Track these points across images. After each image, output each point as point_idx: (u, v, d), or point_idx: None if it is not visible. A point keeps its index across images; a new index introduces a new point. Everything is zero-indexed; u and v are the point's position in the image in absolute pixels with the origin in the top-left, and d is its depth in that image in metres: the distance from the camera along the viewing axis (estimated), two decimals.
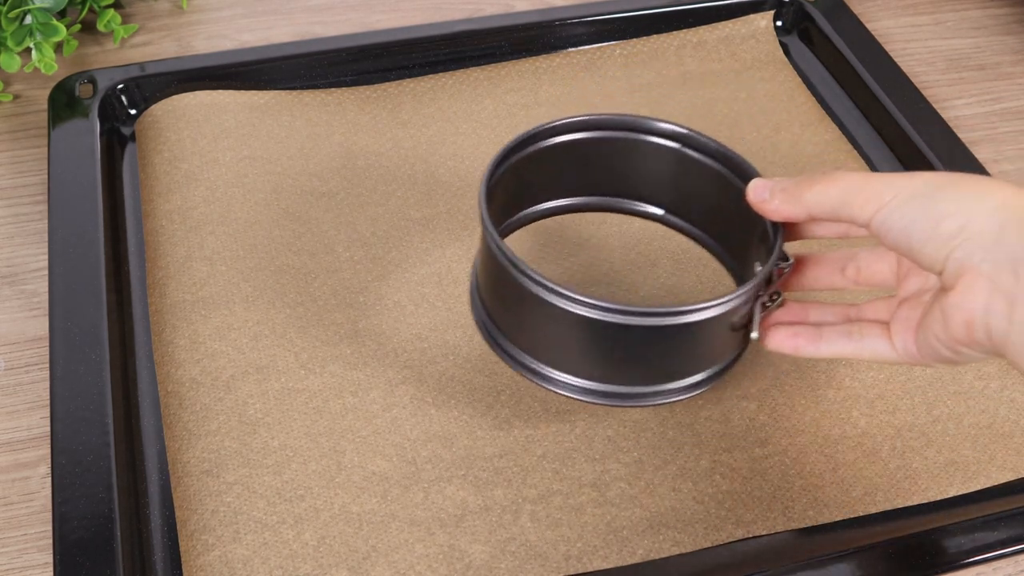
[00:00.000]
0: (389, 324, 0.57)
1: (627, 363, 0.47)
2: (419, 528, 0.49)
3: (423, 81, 0.71)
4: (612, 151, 0.54)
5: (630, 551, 0.48)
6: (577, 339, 0.47)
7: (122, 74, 0.70)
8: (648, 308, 0.44)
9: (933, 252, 0.40)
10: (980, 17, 0.81)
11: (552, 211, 0.56)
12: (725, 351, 0.49)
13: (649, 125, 0.53)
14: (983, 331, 0.39)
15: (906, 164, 0.67)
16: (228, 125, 0.67)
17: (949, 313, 0.40)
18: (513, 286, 0.46)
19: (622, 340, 0.46)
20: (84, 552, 0.46)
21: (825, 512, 0.50)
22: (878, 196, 0.42)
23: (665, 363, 0.48)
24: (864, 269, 0.49)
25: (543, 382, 0.49)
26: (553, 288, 0.45)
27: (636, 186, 0.55)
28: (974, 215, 0.39)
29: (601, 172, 0.55)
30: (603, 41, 0.74)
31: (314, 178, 0.64)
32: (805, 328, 0.48)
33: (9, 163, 0.68)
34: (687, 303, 0.45)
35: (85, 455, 0.50)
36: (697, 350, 0.48)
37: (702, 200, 0.54)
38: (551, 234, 0.61)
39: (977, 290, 0.39)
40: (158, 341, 0.56)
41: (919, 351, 0.44)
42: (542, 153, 0.53)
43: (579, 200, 0.56)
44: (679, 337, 0.46)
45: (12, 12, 0.70)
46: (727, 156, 0.51)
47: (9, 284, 0.61)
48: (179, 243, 0.60)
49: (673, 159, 0.53)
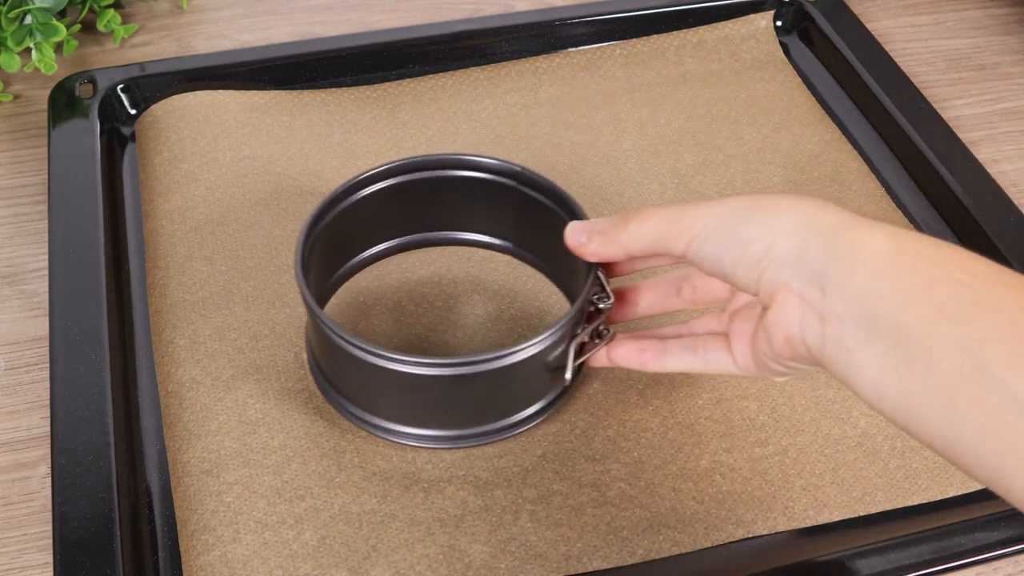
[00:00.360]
0: (389, 324, 0.57)
1: (448, 409, 0.50)
2: (419, 528, 0.49)
3: (423, 81, 0.71)
4: (445, 189, 0.56)
5: (630, 551, 0.48)
6: (396, 391, 0.49)
7: (122, 74, 0.70)
8: (448, 359, 0.47)
9: (745, 275, 0.41)
10: (980, 17, 0.81)
11: (389, 251, 0.58)
12: (550, 386, 0.51)
13: (482, 163, 0.55)
14: (802, 346, 0.40)
15: (906, 164, 0.67)
16: (228, 125, 0.67)
17: (770, 331, 0.41)
18: (336, 349, 0.48)
19: (433, 389, 0.48)
20: (84, 552, 0.46)
21: (825, 512, 0.50)
22: (689, 228, 0.43)
23: (486, 406, 0.50)
24: (699, 288, 0.50)
25: (372, 430, 0.51)
26: (362, 346, 0.47)
27: (477, 221, 0.58)
28: (778, 235, 0.40)
29: (437, 210, 0.57)
30: (603, 41, 0.74)
31: (314, 178, 0.64)
32: (651, 343, 0.50)
33: (9, 163, 0.68)
34: (488, 351, 0.47)
35: (85, 455, 0.50)
36: (515, 392, 0.50)
37: (539, 233, 0.55)
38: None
39: (790, 307, 0.40)
40: (158, 341, 0.56)
41: (755, 366, 0.45)
42: (376, 197, 0.55)
43: (417, 237, 0.58)
44: (490, 383, 0.48)
45: (12, 12, 0.70)
46: (556, 193, 0.53)
47: (9, 284, 0.61)
48: (179, 243, 0.60)
49: (510, 195, 0.55)
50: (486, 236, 0.59)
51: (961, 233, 0.63)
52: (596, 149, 0.67)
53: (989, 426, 0.34)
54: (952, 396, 0.35)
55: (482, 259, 0.59)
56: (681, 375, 0.55)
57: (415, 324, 0.56)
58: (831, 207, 0.41)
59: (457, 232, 0.59)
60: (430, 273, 0.59)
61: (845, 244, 0.38)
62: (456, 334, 0.56)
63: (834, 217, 0.40)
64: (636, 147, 0.68)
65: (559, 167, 0.66)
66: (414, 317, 0.57)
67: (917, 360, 0.35)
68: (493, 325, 0.57)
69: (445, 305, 0.57)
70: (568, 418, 0.53)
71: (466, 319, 0.57)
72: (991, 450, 0.34)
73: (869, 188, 0.65)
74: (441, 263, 0.59)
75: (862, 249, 0.38)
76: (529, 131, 0.68)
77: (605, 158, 0.67)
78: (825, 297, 0.38)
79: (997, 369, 0.34)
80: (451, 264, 0.59)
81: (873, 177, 0.66)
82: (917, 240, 0.38)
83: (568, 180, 0.65)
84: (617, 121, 0.69)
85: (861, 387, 0.38)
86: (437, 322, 0.56)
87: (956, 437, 0.35)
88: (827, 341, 0.38)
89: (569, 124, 0.69)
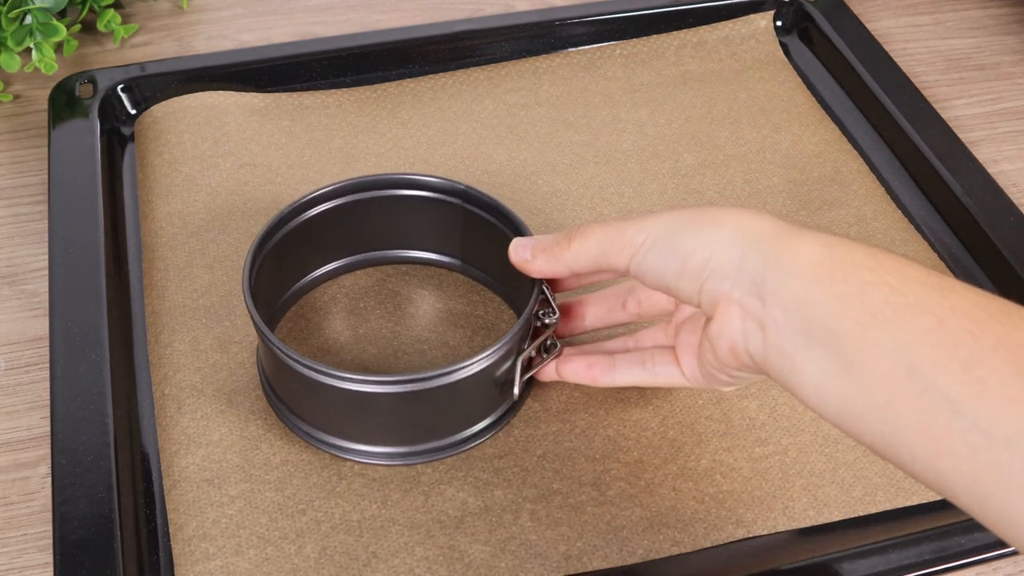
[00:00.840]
0: (389, 328, 0.57)
1: (398, 426, 0.50)
2: (419, 531, 0.49)
3: (423, 81, 0.71)
4: (392, 208, 0.56)
5: (630, 551, 0.48)
6: (347, 409, 0.49)
7: (122, 74, 0.70)
8: (396, 376, 0.47)
9: (687, 287, 0.42)
10: (980, 17, 0.81)
11: (338, 271, 0.58)
12: (499, 401, 0.52)
13: (427, 182, 0.55)
14: (746, 355, 0.40)
15: (906, 164, 0.67)
16: (228, 128, 0.67)
17: (714, 342, 0.42)
18: (286, 369, 0.48)
19: (383, 407, 0.48)
20: (84, 552, 0.46)
21: (825, 512, 0.50)
22: (630, 243, 0.44)
23: (435, 422, 0.50)
24: (644, 301, 0.51)
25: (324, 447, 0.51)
26: (312, 366, 0.47)
27: (425, 239, 0.58)
28: (717, 246, 0.41)
29: (385, 229, 0.57)
30: (603, 41, 0.74)
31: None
32: (600, 358, 0.50)
33: (9, 163, 0.68)
34: (436, 367, 0.47)
35: (85, 455, 0.50)
36: (464, 407, 0.50)
37: (486, 250, 0.56)
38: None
39: (732, 317, 0.40)
40: (155, 343, 0.56)
41: (703, 377, 0.46)
42: (324, 217, 0.55)
43: (366, 256, 0.59)
44: (438, 399, 0.48)
45: (12, 12, 0.70)
46: (500, 211, 0.53)
47: (9, 284, 0.61)
48: (179, 247, 0.60)
49: (455, 213, 0.55)
50: (434, 254, 0.59)
51: (961, 233, 0.63)
52: (596, 149, 0.67)
53: (924, 426, 0.34)
54: (888, 398, 0.35)
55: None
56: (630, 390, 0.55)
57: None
58: (768, 217, 0.41)
59: (406, 251, 0.59)
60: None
61: (781, 253, 0.39)
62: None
63: (771, 227, 0.41)
64: (636, 147, 0.68)
65: (559, 167, 0.66)
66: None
67: (854, 364, 0.36)
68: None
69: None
70: (568, 418, 0.53)
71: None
72: (927, 450, 0.35)
73: (869, 188, 0.65)
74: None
75: (797, 259, 0.39)
76: (529, 131, 0.68)
77: (605, 158, 0.67)
78: (764, 306, 0.39)
79: (927, 370, 0.34)
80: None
81: (873, 177, 0.66)
82: (850, 248, 0.39)
83: (568, 180, 0.65)
84: (617, 121, 0.69)
85: (804, 393, 0.38)
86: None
87: (894, 438, 0.36)
88: (769, 348, 0.39)
89: (569, 124, 0.69)
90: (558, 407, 0.53)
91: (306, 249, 0.56)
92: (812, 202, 0.64)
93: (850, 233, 0.62)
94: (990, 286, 0.60)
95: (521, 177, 0.65)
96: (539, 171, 0.66)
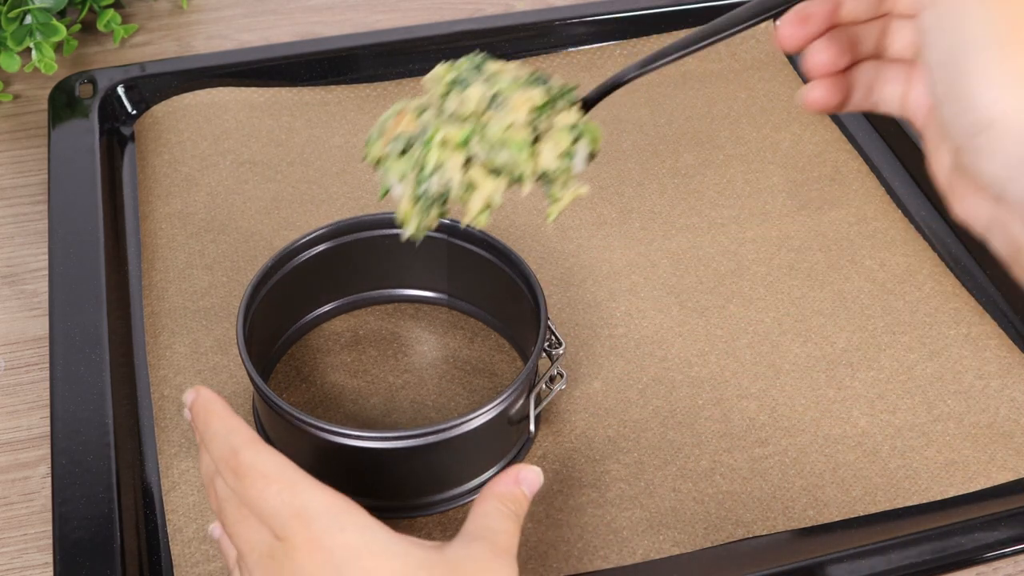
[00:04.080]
0: (388, 330, 0.57)
1: (416, 477, 0.48)
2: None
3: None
4: (378, 248, 0.55)
5: (630, 551, 0.48)
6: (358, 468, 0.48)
7: (122, 74, 0.70)
8: (410, 431, 0.45)
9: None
10: None
11: (330, 314, 0.57)
12: (514, 440, 0.51)
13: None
14: None
15: (906, 164, 0.67)
16: (228, 126, 0.67)
17: None
18: (294, 430, 0.47)
19: (399, 461, 0.47)
20: (84, 552, 0.46)
21: (825, 512, 0.50)
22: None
23: (451, 470, 0.49)
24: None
25: None
26: (323, 427, 0.46)
27: (413, 276, 0.57)
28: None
29: (374, 269, 0.56)
30: (603, 41, 0.74)
31: (314, 186, 0.64)
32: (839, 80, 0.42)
33: (9, 163, 0.68)
34: (449, 419, 0.46)
35: (85, 455, 0.50)
36: (477, 453, 0.49)
37: (474, 282, 0.55)
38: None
39: None
40: (154, 344, 0.56)
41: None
42: (312, 262, 0.54)
43: (356, 297, 0.58)
44: (449, 451, 0.47)
45: (12, 12, 0.70)
46: (491, 244, 0.53)
47: (9, 284, 0.61)
48: (179, 248, 0.60)
49: (441, 248, 0.55)
50: (425, 291, 0.58)
51: (961, 233, 0.63)
52: None
53: None
54: None
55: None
56: (681, 376, 0.55)
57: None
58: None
59: (396, 289, 0.58)
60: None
61: None
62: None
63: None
64: (636, 147, 0.67)
65: None
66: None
67: None
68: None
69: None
70: (568, 418, 0.53)
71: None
72: None
73: (869, 188, 0.65)
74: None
75: None
76: None
77: (605, 158, 0.67)
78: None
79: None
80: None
81: (873, 177, 0.66)
82: None
83: None
84: (617, 121, 0.69)
85: None
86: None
87: None
88: None
89: None
90: (557, 410, 0.53)
91: (297, 295, 0.55)
92: (812, 202, 0.64)
93: (850, 233, 0.62)
94: (990, 287, 0.60)
95: None
96: None
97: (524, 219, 0.63)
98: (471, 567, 0.37)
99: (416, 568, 0.36)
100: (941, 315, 0.58)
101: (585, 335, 0.57)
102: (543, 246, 0.61)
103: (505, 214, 0.63)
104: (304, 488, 0.37)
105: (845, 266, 0.60)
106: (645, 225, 0.62)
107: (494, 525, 0.40)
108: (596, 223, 0.63)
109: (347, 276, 0.56)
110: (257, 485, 0.38)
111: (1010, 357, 0.56)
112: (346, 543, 0.36)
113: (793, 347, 0.56)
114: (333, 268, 0.55)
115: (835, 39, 0.42)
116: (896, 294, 0.59)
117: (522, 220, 0.62)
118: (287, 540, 0.37)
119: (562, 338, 0.52)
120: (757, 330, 0.57)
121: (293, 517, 0.37)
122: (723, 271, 0.60)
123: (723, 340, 0.57)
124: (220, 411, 0.41)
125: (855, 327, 0.57)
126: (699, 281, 0.60)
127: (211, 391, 0.41)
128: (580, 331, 0.57)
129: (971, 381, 0.55)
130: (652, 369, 0.55)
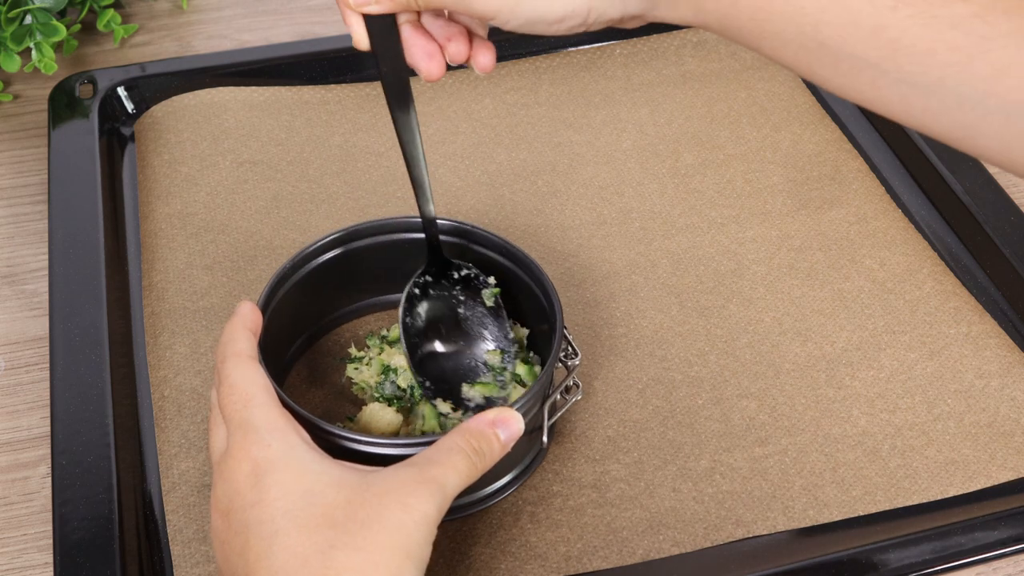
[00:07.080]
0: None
1: None
2: None
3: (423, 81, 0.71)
4: (393, 252, 0.54)
5: (630, 551, 0.48)
6: None
7: (122, 74, 0.70)
8: (427, 438, 0.45)
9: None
10: None
11: (341, 318, 0.57)
12: (527, 449, 0.50)
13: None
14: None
15: (906, 163, 0.67)
16: (228, 126, 0.67)
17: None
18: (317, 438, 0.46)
19: None
20: (84, 552, 0.46)
21: (825, 512, 0.50)
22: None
23: None
24: None
25: None
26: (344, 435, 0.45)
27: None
28: None
29: (393, 273, 0.55)
30: (603, 41, 0.74)
31: (314, 184, 0.64)
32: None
33: (9, 163, 0.68)
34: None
35: (85, 455, 0.50)
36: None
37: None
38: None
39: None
40: (154, 344, 0.56)
41: None
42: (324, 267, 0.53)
43: (369, 301, 0.57)
44: None
45: (12, 12, 0.70)
46: (506, 248, 0.52)
47: (9, 284, 0.61)
48: (179, 248, 0.60)
49: (460, 254, 0.54)
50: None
51: (961, 233, 0.63)
52: (596, 149, 0.67)
53: None
54: None
55: None
56: (681, 376, 0.55)
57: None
58: None
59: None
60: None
61: None
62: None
63: None
64: (636, 147, 0.68)
65: (559, 167, 0.66)
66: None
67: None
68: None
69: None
70: (568, 418, 0.53)
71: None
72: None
73: (869, 188, 0.65)
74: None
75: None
76: (529, 131, 0.68)
77: (605, 158, 0.67)
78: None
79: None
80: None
81: (873, 177, 0.66)
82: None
83: (568, 180, 0.65)
84: (617, 121, 0.69)
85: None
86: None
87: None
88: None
89: (569, 124, 0.69)
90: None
91: (309, 301, 0.54)
92: (812, 201, 0.64)
93: (850, 232, 0.62)
94: (990, 285, 0.60)
95: (520, 177, 0.65)
96: (539, 171, 0.66)
97: (524, 219, 0.63)
98: (385, 487, 0.39)
99: (326, 486, 0.39)
100: (941, 314, 0.58)
101: (585, 335, 0.57)
102: (543, 246, 0.61)
103: (505, 214, 0.63)
104: (257, 404, 0.41)
105: (845, 265, 0.60)
106: (645, 225, 0.62)
107: (436, 456, 0.41)
108: (596, 223, 0.63)
109: (362, 280, 0.56)
110: (223, 393, 0.42)
111: (1010, 356, 0.56)
112: (268, 457, 0.39)
113: (793, 347, 0.56)
114: (348, 272, 0.55)
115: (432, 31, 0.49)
116: (896, 293, 0.59)
117: (522, 220, 0.62)
118: (228, 448, 0.40)
119: (578, 348, 0.51)
120: (757, 330, 0.57)
121: (237, 428, 0.40)
122: (723, 271, 0.60)
123: (723, 340, 0.57)
124: (235, 321, 0.45)
125: (855, 326, 0.57)
126: (699, 281, 0.60)
127: (253, 305, 0.46)
128: (580, 331, 0.57)
129: (971, 380, 0.55)
130: (652, 369, 0.55)
